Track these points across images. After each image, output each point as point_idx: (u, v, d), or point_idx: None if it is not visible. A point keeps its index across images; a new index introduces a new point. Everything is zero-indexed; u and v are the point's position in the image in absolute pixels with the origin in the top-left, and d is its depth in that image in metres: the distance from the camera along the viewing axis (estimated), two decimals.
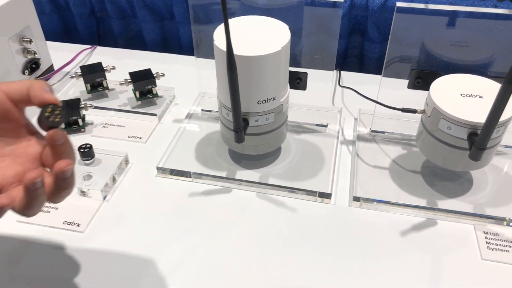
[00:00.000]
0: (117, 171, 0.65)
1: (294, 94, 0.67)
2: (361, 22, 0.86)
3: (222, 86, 0.57)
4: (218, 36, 0.55)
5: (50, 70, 0.85)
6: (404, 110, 0.60)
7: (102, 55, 0.94)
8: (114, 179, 0.64)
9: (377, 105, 0.67)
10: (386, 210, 0.59)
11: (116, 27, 1.00)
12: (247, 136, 0.60)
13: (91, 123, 0.75)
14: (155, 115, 0.75)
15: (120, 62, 0.91)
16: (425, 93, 0.60)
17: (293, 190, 0.61)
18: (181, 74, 0.86)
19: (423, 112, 0.58)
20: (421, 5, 0.57)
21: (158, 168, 0.65)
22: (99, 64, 0.79)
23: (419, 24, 0.60)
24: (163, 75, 0.77)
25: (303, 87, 0.67)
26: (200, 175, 0.64)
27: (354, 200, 0.60)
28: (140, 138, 0.72)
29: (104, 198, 0.62)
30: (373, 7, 0.82)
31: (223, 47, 0.51)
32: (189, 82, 0.79)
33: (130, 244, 0.56)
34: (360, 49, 0.92)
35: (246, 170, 0.65)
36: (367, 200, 0.60)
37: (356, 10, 0.84)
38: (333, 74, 0.67)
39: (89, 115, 0.76)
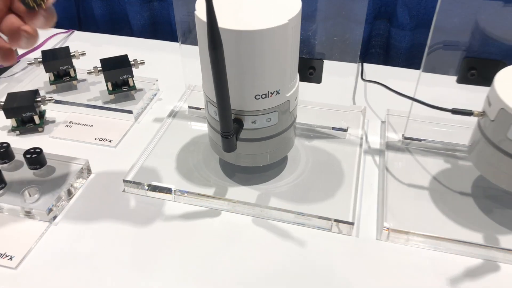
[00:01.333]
0: (73, 184, 0.50)
1: (306, 89, 0.52)
2: (389, 4, 0.71)
3: (207, 74, 0.42)
4: (202, 3, 0.40)
5: None
6: (455, 111, 0.44)
7: (79, 41, 0.80)
8: (69, 194, 0.49)
9: (413, 105, 0.51)
10: (426, 246, 0.44)
11: (98, 9, 0.86)
12: (241, 142, 0.45)
13: (52, 121, 0.61)
14: (130, 112, 0.60)
15: (99, 49, 0.76)
16: (478, 90, 0.44)
17: (301, 215, 0.46)
18: (168, 63, 0.71)
19: (482, 114, 0.42)
20: None
21: (126, 182, 0.50)
22: (66, 48, 0.64)
23: None
24: (142, 63, 0.62)
25: (318, 79, 0.52)
26: (180, 192, 0.49)
27: (383, 231, 0.44)
28: (110, 141, 0.57)
29: (54, 219, 0.47)
30: None
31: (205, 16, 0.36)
32: (177, 73, 0.64)
33: (78, 286, 0.41)
34: (386, 37, 0.76)
35: (240, 186, 0.50)
36: (401, 232, 0.44)
37: None
38: (356, 67, 0.52)
39: (51, 111, 0.62)
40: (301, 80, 0.51)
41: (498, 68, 0.43)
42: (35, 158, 0.49)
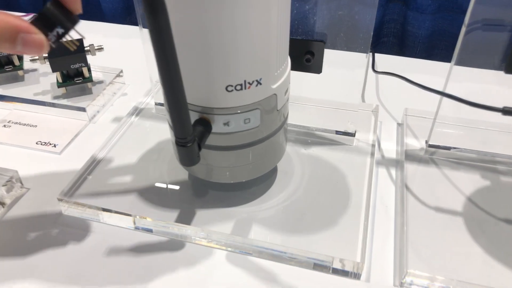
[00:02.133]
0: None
1: (303, 81, 0.40)
2: None
3: None
4: None
5: None
6: (508, 110, 0.32)
7: None
8: None
9: (441, 102, 0.39)
10: None
11: None
12: (212, 151, 0.33)
13: None
14: (83, 110, 0.48)
15: None
16: None
17: (292, 251, 0.34)
18: (139, 52, 0.59)
19: None
20: None
21: (61, 201, 0.38)
22: None
23: None
24: (100, 49, 0.50)
25: (317, 68, 0.39)
26: (134, 217, 0.37)
27: (404, 276, 0.32)
28: (54, 145, 0.45)
29: None
30: None
31: None
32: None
33: None
34: (401, 23, 0.63)
35: (213, 209, 0.38)
36: (429, 278, 0.32)
37: None
38: (366, 57, 0.40)
39: None
40: (295, 69, 0.39)
41: None
42: None
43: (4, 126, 0.48)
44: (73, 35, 0.26)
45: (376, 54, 0.58)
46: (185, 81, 0.30)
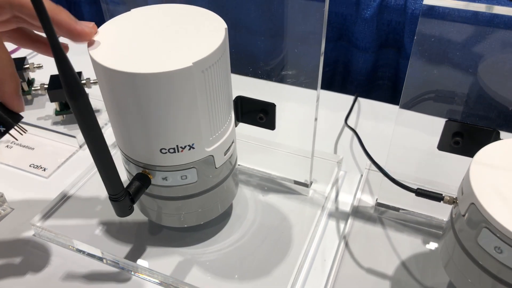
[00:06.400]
0: None
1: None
2: (397, 31, 0.59)
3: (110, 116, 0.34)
4: (98, 41, 0.32)
5: None
6: (420, 193, 0.33)
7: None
8: None
9: (388, 160, 0.41)
10: None
11: (88, 14, 0.80)
12: (156, 200, 0.37)
13: None
14: (73, 137, 0.53)
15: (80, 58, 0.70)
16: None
17: None
18: None
19: (454, 201, 0.32)
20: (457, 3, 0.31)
21: (34, 226, 0.43)
22: (21, 60, 0.58)
23: (460, 34, 0.34)
24: (95, 83, 0.55)
25: (271, 126, 0.42)
26: (88, 247, 0.41)
27: None
28: (44, 169, 0.51)
29: None
30: (413, 10, 0.55)
31: (103, 60, 0.29)
32: None
33: None
34: (394, 68, 0.65)
35: (161, 248, 0.41)
36: None
37: (389, 14, 0.58)
38: (315, 97, 0.41)
39: None
40: (250, 123, 0.42)
41: (488, 140, 0.32)
42: None
43: (7, 146, 0.54)
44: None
45: (366, 100, 0.59)
46: (127, 142, 0.34)
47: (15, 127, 0.31)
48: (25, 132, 0.33)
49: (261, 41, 0.44)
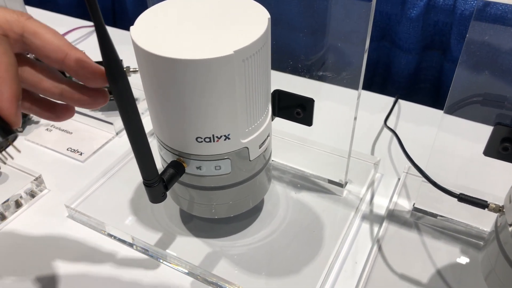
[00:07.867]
0: (16, 200, 0.45)
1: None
2: (443, 33, 0.57)
3: (148, 103, 0.34)
4: (141, 26, 0.32)
5: None
6: (462, 198, 0.32)
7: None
8: (17, 206, 0.44)
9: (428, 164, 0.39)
10: None
11: (131, 5, 0.81)
12: (189, 189, 0.37)
13: (37, 122, 0.56)
14: (111, 123, 0.54)
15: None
16: None
17: None
18: None
19: (500, 209, 0.30)
20: None
21: (68, 208, 0.44)
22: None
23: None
24: (135, 71, 0.55)
25: (307, 122, 0.41)
26: (111, 235, 0.41)
27: None
28: (81, 154, 0.51)
29: None
30: (463, 11, 0.53)
31: (144, 44, 0.29)
32: None
33: None
34: (438, 70, 0.63)
35: (191, 237, 0.41)
36: None
37: (437, 14, 0.56)
38: (356, 98, 0.40)
39: None
40: (287, 118, 0.41)
41: None
42: None
43: (47, 129, 0.55)
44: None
45: (407, 102, 0.58)
46: (163, 128, 0.34)
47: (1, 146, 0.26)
48: (12, 159, 0.29)
49: (302, 37, 0.43)
